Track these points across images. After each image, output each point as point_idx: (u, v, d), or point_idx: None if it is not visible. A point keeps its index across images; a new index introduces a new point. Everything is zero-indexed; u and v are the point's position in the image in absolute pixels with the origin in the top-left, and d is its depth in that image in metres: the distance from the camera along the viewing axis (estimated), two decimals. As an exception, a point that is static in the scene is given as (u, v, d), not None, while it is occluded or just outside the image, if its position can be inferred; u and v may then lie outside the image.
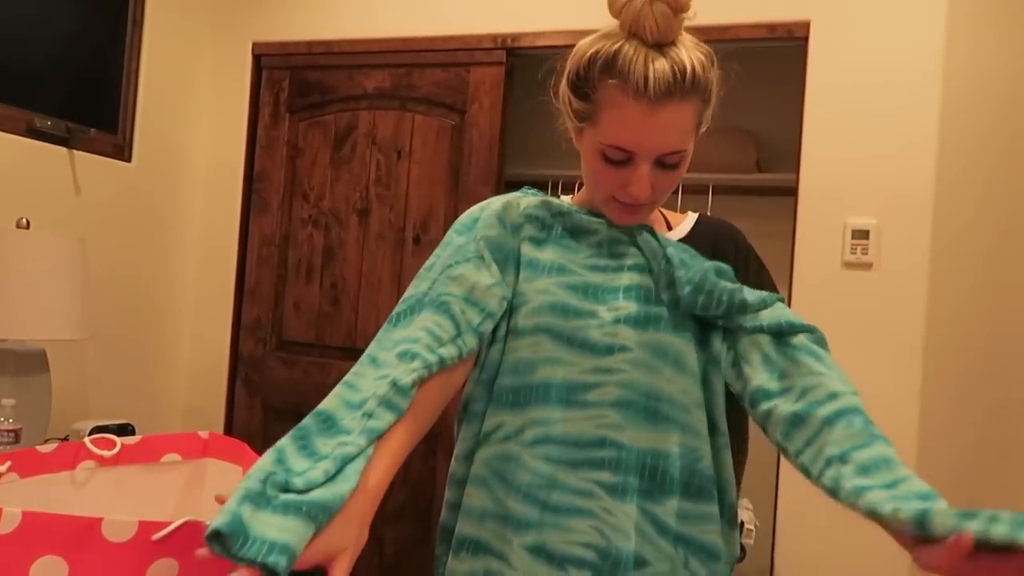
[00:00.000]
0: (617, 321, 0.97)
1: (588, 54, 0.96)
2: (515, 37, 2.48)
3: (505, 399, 0.99)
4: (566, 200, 1.14)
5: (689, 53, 0.94)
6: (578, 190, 1.15)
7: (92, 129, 2.48)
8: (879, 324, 2.09)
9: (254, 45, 2.82)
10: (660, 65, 0.91)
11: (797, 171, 2.20)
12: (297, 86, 2.78)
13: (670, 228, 1.14)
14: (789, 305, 2.16)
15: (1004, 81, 2.10)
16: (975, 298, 2.10)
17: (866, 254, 2.10)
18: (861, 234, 2.11)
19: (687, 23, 0.95)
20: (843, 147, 2.14)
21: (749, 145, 2.89)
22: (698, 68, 0.93)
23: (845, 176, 2.14)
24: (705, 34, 0.99)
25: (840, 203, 2.14)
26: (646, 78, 0.91)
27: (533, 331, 0.98)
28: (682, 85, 0.92)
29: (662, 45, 0.93)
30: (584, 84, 0.97)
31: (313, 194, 2.74)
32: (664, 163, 0.96)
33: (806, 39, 2.19)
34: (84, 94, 2.48)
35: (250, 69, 2.83)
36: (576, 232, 1.05)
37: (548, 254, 1.03)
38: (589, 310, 0.98)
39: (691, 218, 1.17)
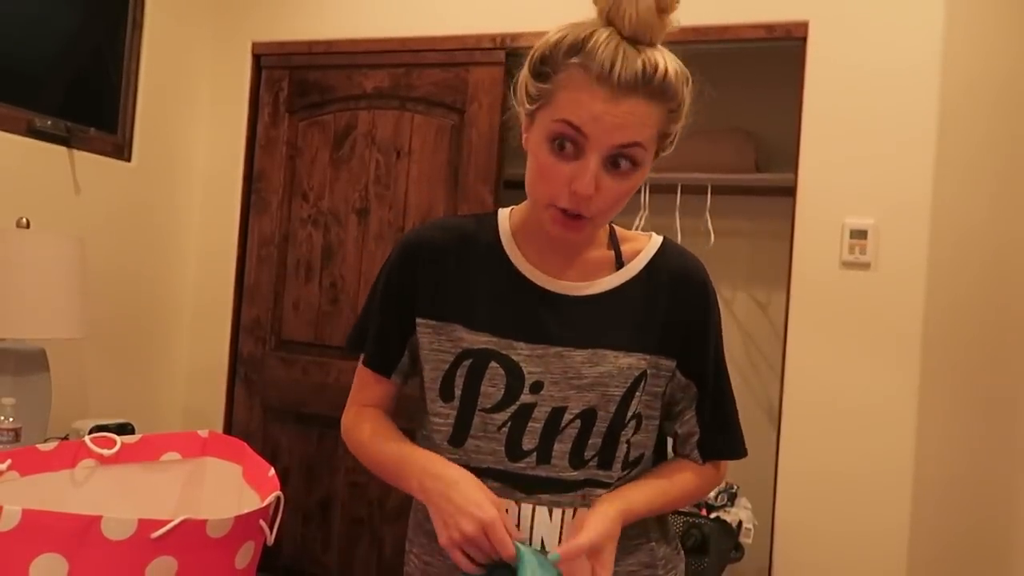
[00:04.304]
0: None
1: (556, 38, 0.90)
2: (514, 37, 2.48)
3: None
4: (504, 218, 1.06)
5: (665, 57, 0.88)
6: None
7: (92, 129, 2.48)
8: (877, 324, 2.10)
9: (254, 45, 2.83)
10: (631, 56, 0.85)
11: (796, 171, 2.20)
12: (296, 86, 2.78)
13: (621, 262, 1.03)
14: (787, 306, 2.18)
15: (1002, 81, 2.11)
16: (973, 298, 2.10)
17: (864, 254, 2.11)
18: (859, 234, 2.11)
19: (682, 24, 0.91)
20: (841, 147, 2.15)
21: (748, 145, 2.89)
22: (671, 73, 0.87)
23: (843, 176, 2.14)
24: (704, 34, 0.99)
25: (838, 203, 2.14)
26: (613, 63, 0.85)
27: None
28: (651, 83, 0.86)
29: (639, 41, 0.87)
30: (546, 65, 0.90)
31: (312, 194, 2.74)
32: (616, 164, 0.89)
33: (804, 39, 2.19)
34: (84, 94, 2.49)
35: (250, 69, 2.83)
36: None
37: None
38: None
39: (652, 245, 1.05)
